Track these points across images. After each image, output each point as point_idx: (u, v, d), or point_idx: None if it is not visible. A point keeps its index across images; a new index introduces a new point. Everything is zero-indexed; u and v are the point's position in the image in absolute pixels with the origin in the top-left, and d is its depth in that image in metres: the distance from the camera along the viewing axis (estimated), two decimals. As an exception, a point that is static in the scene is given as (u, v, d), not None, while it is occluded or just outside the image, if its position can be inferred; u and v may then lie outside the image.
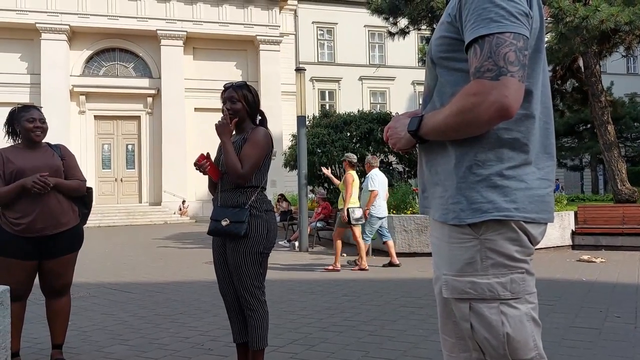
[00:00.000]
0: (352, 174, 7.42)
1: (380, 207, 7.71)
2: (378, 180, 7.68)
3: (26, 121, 3.26)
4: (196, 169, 2.92)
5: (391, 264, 7.80)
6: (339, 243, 7.45)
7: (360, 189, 7.80)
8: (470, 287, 1.33)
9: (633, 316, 4.42)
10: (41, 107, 3.54)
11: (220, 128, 2.88)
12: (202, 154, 2.93)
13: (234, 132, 3.02)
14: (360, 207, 7.47)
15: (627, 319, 4.34)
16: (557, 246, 9.66)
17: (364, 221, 7.47)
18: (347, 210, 7.28)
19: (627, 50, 12.88)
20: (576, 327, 4.09)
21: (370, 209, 7.60)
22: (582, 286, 5.96)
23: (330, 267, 7.54)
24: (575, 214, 10.31)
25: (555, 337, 3.79)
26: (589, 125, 24.23)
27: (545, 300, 5.06)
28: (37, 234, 3.20)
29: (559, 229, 9.74)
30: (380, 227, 7.94)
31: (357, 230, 7.50)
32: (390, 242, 8.02)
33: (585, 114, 20.83)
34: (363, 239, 7.62)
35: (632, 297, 5.27)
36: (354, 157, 7.72)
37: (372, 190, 7.56)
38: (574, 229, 10.05)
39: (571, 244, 9.94)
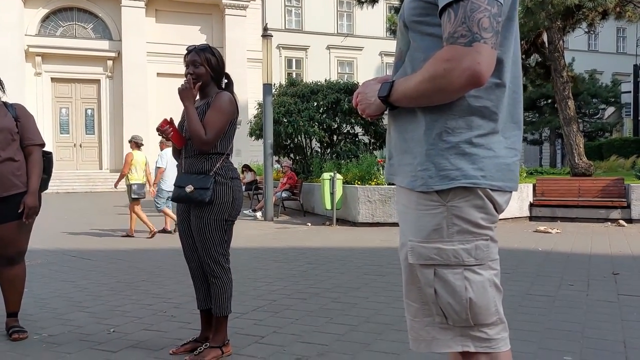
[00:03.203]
0: (134, 154, 8.44)
1: (169, 182, 8.67)
2: (167, 158, 8.67)
3: None
4: (159, 134, 2.84)
5: (164, 230, 8.85)
6: (133, 214, 8.37)
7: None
8: (435, 254, 1.34)
9: (585, 284, 4.61)
10: None
11: (182, 93, 2.80)
12: (165, 119, 2.84)
13: (197, 97, 2.93)
14: (141, 183, 8.49)
15: (580, 287, 4.53)
16: (515, 217, 9.95)
17: (144, 196, 8.52)
18: (131, 185, 8.33)
19: (589, 26, 13.13)
20: (532, 295, 4.24)
21: (159, 183, 8.74)
22: (538, 256, 6.17)
23: (125, 234, 8.47)
24: (534, 186, 10.61)
25: (512, 304, 3.92)
26: (549, 100, 24.82)
27: (503, 269, 5.20)
28: None
29: (518, 200, 10.02)
30: (168, 198, 8.85)
31: (135, 206, 8.41)
32: (166, 210, 8.95)
33: (547, 88, 21.34)
34: (156, 208, 8.78)
35: (585, 266, 5.49)
36: (139, 139, 8.67)
37: (159, 167, 8.72)
38: (531, 201, 10.36)
39: (529, 215, 10.26)
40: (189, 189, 2.78)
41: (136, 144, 8.46)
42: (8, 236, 3.20)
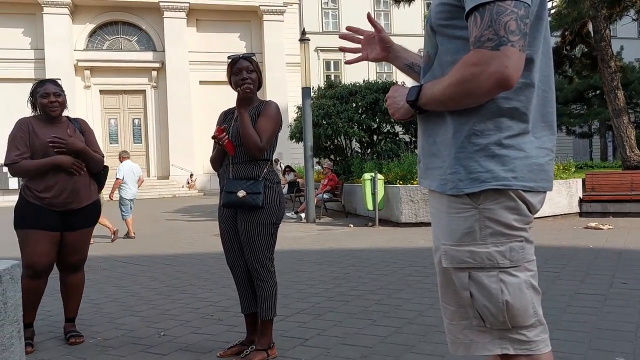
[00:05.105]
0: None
1: (129, 191, 9.57)
2: (124, 170, 9.48)
3: (41, 97, 3.28)
4: (215, 142, 2.93)
5: (127, 236, 9.53)
6: (104, 220, 8.81)
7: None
8: (469, 257, 1.34)
9: (639, 282, 4.45)
10: (59, 80, 3.55)
11: (243, 100, 2.86)
12: (218, 127, 2.92)
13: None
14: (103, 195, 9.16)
15: (633, 285, 4.37)
16: (564, 214, 9.66)
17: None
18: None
19: (638, 13, 12.59)
20: (582, 294, 4.12)
21: (118, 192, 9.47)
22: (588, 253, 5.98)
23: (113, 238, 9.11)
24: (583, 181, 10.27)
25: (561, 303, 3.83)
26: (598, 92, 23.91)
27: (552, 268, 5.09)
28: (62, 208, 3.26)
29: (567, 196, 9.72)
30: (130, 206, 9.70)
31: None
32: (129, 220, 9.68)
33: (595, 79, 20.57)
34: (122, 216, 9.53)
35: (639, 263, 5.28)
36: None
37: (117, 179, 9.47)
38: (581, 197, 10.03)
39: (579, 211, 9.93)
40: (241, 194, 2.86)
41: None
42: (76, 243, 3.39)
